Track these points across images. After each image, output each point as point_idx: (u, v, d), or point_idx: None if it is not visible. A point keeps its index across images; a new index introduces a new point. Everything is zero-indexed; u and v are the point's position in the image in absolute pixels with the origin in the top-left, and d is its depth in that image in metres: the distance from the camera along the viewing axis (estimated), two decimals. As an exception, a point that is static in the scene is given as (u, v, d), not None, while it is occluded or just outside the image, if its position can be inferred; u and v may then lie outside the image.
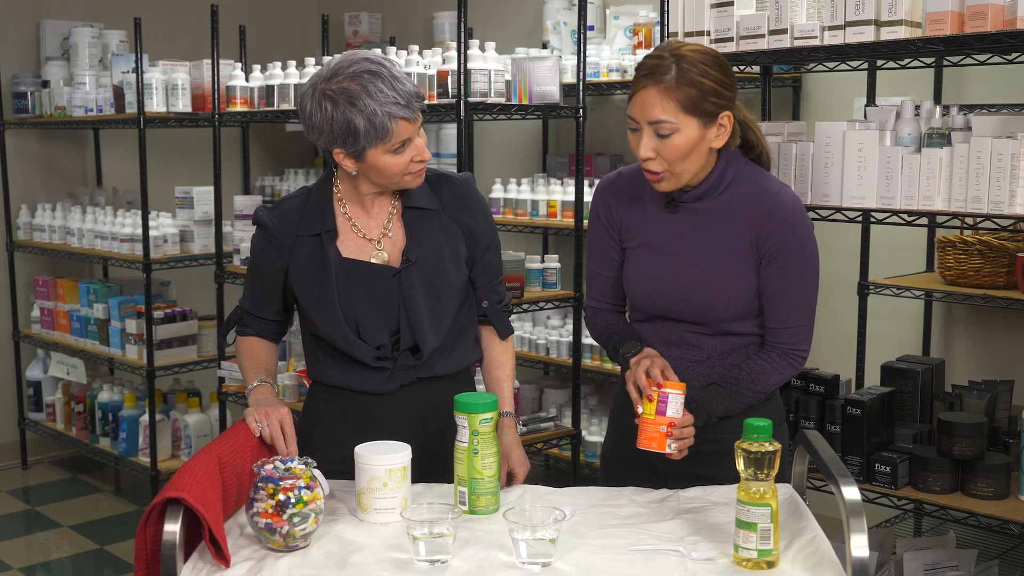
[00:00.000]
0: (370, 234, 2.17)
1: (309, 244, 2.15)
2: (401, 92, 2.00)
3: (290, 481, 1.76)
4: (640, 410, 1.98)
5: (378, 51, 2.23)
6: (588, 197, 4.01)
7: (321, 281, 2.13)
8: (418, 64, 3.67)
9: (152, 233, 4.56)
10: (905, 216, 2.65)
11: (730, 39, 2.80)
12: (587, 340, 4.16)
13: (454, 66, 3.45)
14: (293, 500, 1.75)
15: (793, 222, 2.05)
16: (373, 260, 2.15)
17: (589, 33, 4.37)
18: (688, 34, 2.88)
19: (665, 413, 1.91)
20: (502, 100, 3.55)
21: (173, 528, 1.65)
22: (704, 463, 2.10)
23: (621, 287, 2.23)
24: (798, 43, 2.69)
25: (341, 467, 2.12)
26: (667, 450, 1.95)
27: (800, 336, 2.09)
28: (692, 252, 2.10)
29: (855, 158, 2.66)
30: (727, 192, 2.09)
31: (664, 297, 2.12)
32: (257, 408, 2.06)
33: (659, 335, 2.15)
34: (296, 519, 1.75)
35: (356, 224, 2.17)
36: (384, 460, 1.89)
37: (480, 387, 3.36)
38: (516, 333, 4.43)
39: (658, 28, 4.05)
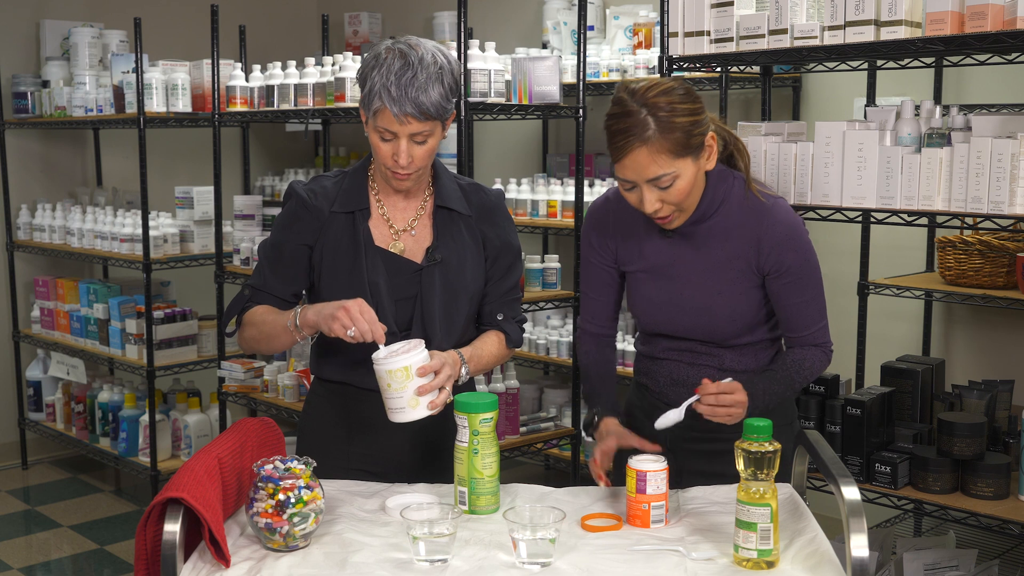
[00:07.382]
0: (395, 223, 2.17)
1: (342, 221, 2.15)
2: (402, 87, 1.98)
3: (290, 481, 1.76)
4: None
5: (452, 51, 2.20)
6: (588, 197, 4.01)
7: (353, 258, 2.13)
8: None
9: (152, 233, 4.56)
10: (905, 216, 2.64)
11: (730, 39, 2.80)
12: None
13: (454, 66, 3.44)
14: (293, 500, 1.75)
15: (791, 237, 2.06)
16: (391, 249, 2.15)
17: (589, 33, 4.37)
18: (688, 34, 2.88)
19: (645, 492, 1.89)
20: (502, 100, 3.55)
21: (173, 528, 1.65)
22: (717, 460, 2.09)
23: (613, 311, 2.25)
24: (798, 43, 2.69)
25: (341, 464, 2.11)
26: (651, 528, 1.89)
27: (823, 334, 2.13)
28: (692, 275, 2.10)
29: (855, 158, 2.66)
30: (720, 212, 2.08)
31: (670, 321, 2.14)
32: (334, 315, 1.95)
33: (669, 349, 2.17)
34: (296, 519, 1.75)
35: (385, 209, 2.18)
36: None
37: (479, 387, 3.37)
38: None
39: (658, 28, 4.05)
